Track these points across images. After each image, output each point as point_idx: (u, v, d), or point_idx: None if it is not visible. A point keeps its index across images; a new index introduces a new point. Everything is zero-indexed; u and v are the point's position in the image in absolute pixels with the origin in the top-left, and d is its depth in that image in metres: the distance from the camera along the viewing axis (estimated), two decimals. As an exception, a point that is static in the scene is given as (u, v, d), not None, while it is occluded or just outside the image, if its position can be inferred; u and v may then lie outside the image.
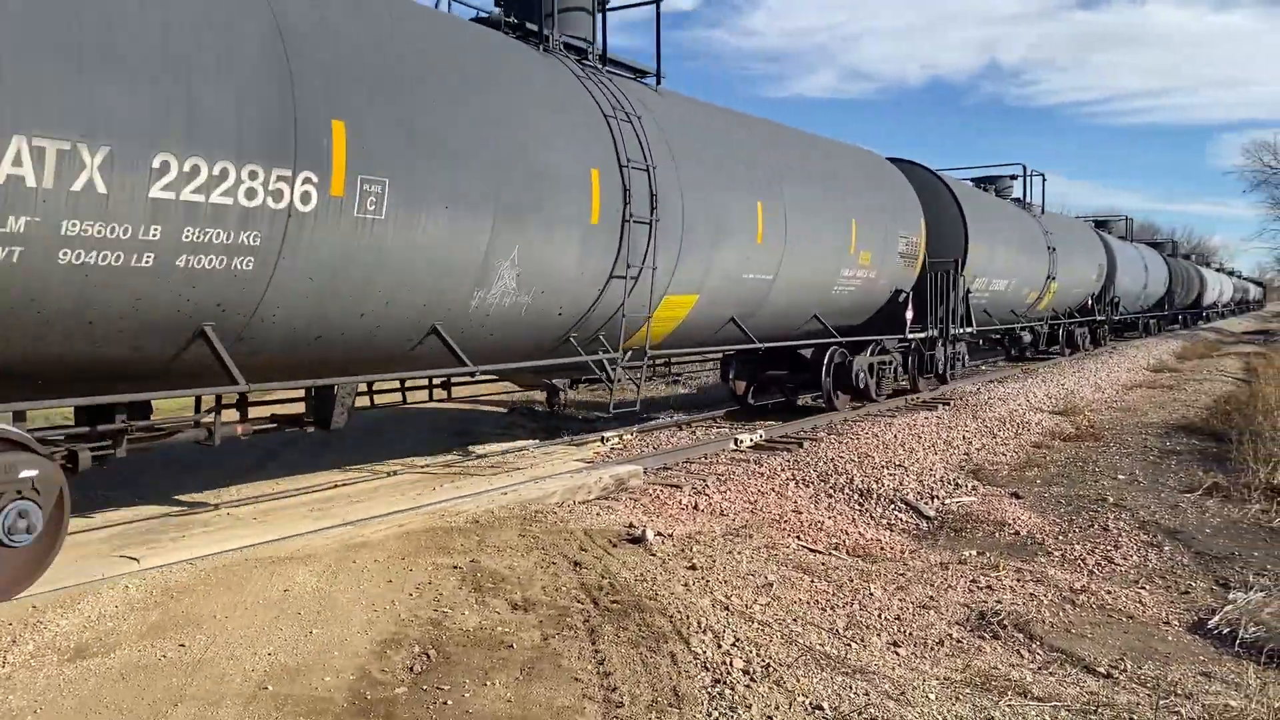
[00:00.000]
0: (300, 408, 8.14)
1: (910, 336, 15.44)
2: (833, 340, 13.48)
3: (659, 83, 10.90)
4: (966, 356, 18.36)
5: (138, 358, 6.03)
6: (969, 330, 17.55)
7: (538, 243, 8.08)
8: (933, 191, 17.09)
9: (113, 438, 6.24)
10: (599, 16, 10.20)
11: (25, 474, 5.35)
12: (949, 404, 15.32)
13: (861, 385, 14.13)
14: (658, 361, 15.47)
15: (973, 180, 22.84)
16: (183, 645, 4.91)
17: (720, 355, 14.43)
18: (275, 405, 8.58)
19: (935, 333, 16.17)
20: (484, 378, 9.69)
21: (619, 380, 9.75)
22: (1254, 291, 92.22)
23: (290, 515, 7.47)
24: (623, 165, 8.92)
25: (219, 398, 6.98)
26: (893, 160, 16.88)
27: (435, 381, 10.08)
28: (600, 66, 9.92)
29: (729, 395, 14.75)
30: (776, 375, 14.22)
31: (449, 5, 9.06)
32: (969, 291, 17.37)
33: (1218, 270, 69.83)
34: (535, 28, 9.34)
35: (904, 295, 14.96)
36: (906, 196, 15.60)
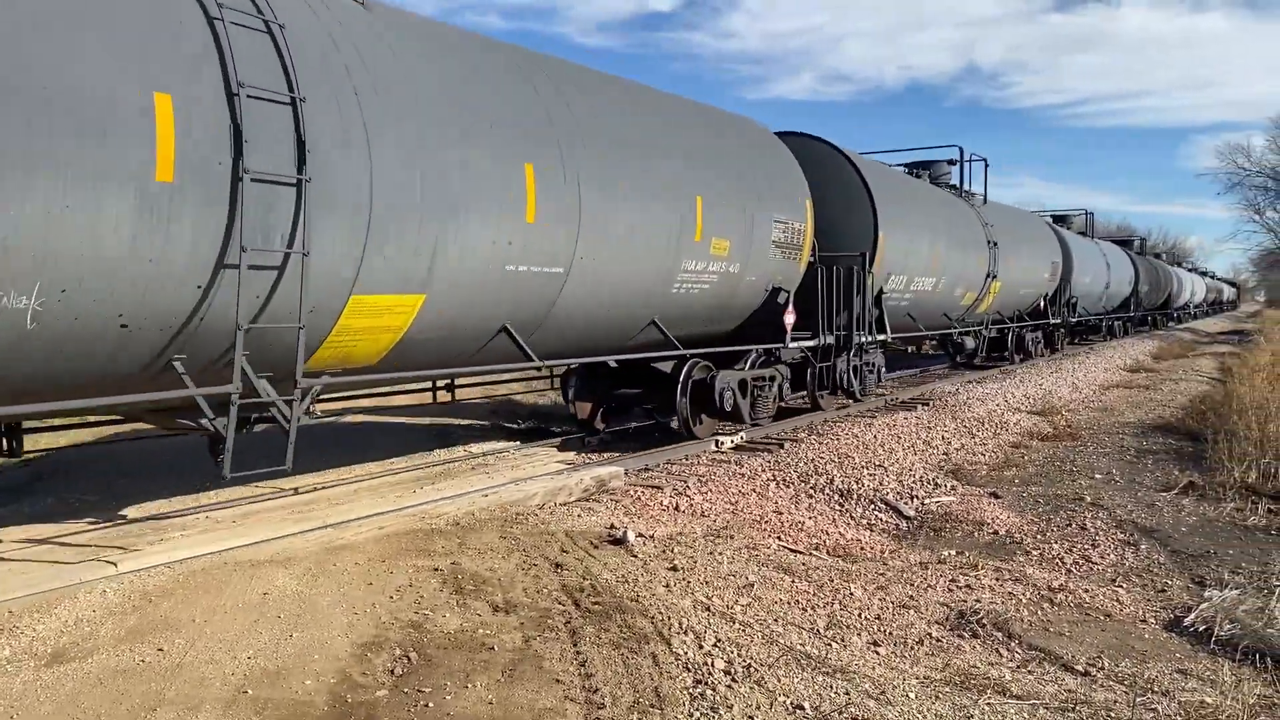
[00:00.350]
0: None
1: (793, 346, 12.62)
2: (693, 352, 10.92)
3: None
4: (883, 368, 15.63)
5: None
6: (881, 338, 14.91)
7: (33, 209, 4.92)
8: (831, 171, 14.13)
9: None
10: None
11: None
12: (928, 404, 15.40)
13: (728, 407, 11.34)
14: (438, 383, 11.45)
15: (905, 166, 19.79)
16: (161, 649, 4.88)
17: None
18: None
19: (831, 340, 13.56)
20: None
21: (279, 424, 6.57)
22: (1228, 292, 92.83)
23: (269, 518, 7.43)
24: (234, 92, 5.73)
25: None
26: (781, 135, 13.75)
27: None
28: None
29: (571, 421, 12.05)
30: (630, 395, 11.66)
31: None
32: (882, 292, 14.82)
33: (1190, 270, 69.65)
34: None
35: (785, 295, 12.25)
36: (785, 171, 12.45)
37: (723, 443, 11.43)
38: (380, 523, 7.24)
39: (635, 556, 6.79)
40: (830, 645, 5.53)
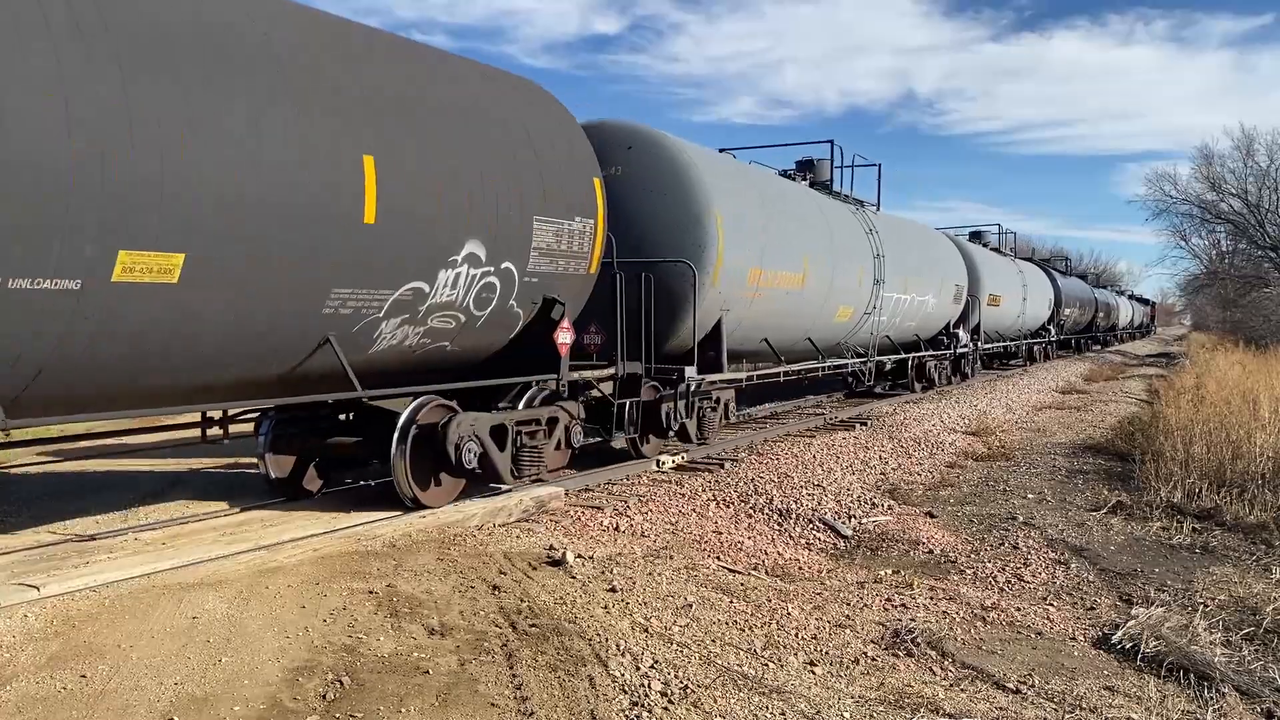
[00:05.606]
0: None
1: (576, 377, 10.01)
2: (427, 388, 8.38)
3: None
4: (731, 403, 13.03)
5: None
6: (720, 376, 12.02)
7: None
8: (649, 164, 11.17)
9: None
10: None
11: None
12: (866, 424, 15.59)
13: (469, 462, 8.35)
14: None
15: (784, 170, 16.62)
16: (84, 676, 4.74)
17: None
18: None
19: (640, 371, 10.79)
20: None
21: None
22: (1136, 312, 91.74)
23: (200, 539, 7.28)
24: None
25: None
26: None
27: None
28: None
29: (263, 482, 8.86)
30: (347, 445, 8.72)
31: None
32: (727, 312, 11.92)
33: (1117, 293, 69.90)
34: None
35: (560, 308, 9.20)
36: (556, 139, 9.25)
37: (663, 462, 11.44)
38: (314, 545, 7.12)
39: (574, 578, 6.76)
40: (767, 665, 5.55)
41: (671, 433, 11.75)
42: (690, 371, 11.27)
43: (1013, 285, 29.35)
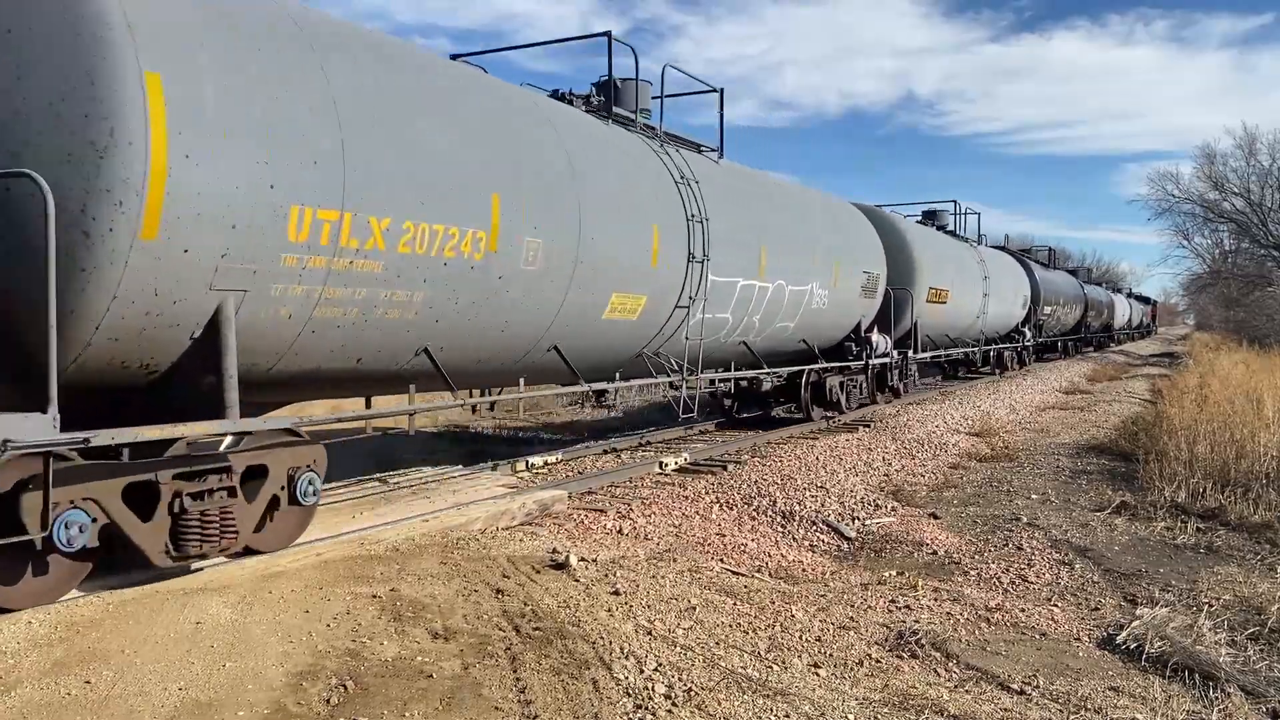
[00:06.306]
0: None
1: None
2: None
3: None
4: (312, 476, 7.00)
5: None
6: (197, 424, 5.73)
7: None
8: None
9: None
10: None
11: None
12: (870, 426, 15.57)
13: None
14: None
15: (556, 91, 10.97)
16: (88, 682, 4.74)
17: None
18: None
19: None
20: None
21: None
22: (1135, 311, 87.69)
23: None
24: None
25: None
26: None
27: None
28: None
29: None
30: None
31: None
32: (243, 292, 6.01)
33: (1114, 291, 66.43)
34: None
35: None
36: None
37: (666, 464, 11.44)
38: (318, 549, 7.13)
39: (577, 581, 6.76)
40: (771, 668, 5.54)
41: (69, 554, 5.43)
42: (18, 427, 4.83)
43: (969, 277, 23.30)
